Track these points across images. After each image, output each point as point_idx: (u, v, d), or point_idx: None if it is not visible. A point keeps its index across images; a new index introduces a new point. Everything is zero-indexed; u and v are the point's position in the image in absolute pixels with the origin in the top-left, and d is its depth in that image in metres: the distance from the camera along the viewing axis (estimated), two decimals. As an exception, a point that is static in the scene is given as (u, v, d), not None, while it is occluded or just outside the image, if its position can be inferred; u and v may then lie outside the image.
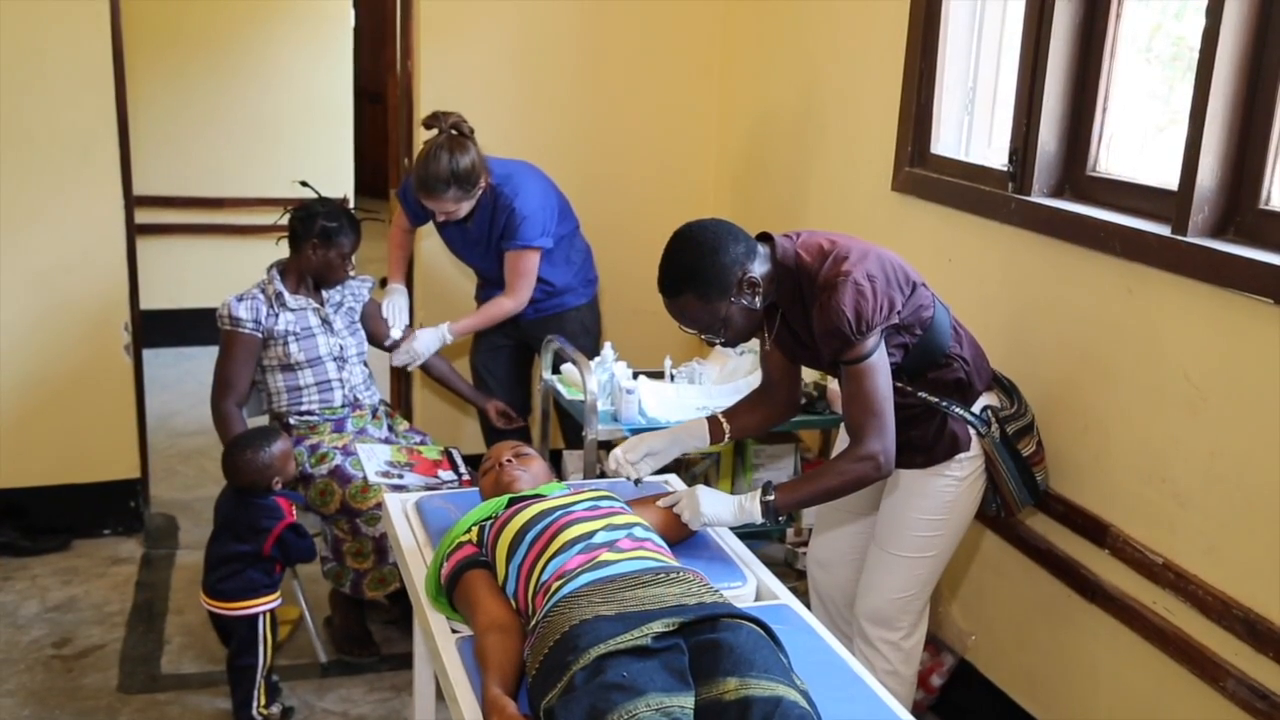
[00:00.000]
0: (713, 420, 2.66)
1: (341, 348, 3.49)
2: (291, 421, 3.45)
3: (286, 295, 3.42)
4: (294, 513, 3.06)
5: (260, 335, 3.39)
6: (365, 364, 3.60)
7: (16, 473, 4.00)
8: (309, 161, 6.26)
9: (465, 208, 3.55)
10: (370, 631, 3.46)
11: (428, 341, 3.67)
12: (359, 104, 6.64)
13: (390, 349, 3.75)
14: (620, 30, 3.73)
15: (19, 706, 3.14)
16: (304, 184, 3.65)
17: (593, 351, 3.59)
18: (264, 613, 3.00)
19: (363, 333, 3.61)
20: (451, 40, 4.22)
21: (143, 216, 4.57)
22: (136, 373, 4.08)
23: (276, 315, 3.40)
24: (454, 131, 3.47)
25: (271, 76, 6.26)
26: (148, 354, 4.25)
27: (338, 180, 6.38)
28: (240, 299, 3.39)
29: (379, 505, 3.17)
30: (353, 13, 6.50)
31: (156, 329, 5.47)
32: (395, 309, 3.74)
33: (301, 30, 6.28)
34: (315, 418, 3.46)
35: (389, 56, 4.40)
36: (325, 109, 6.39)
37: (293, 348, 3.41)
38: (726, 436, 2.66)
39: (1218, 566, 2.34)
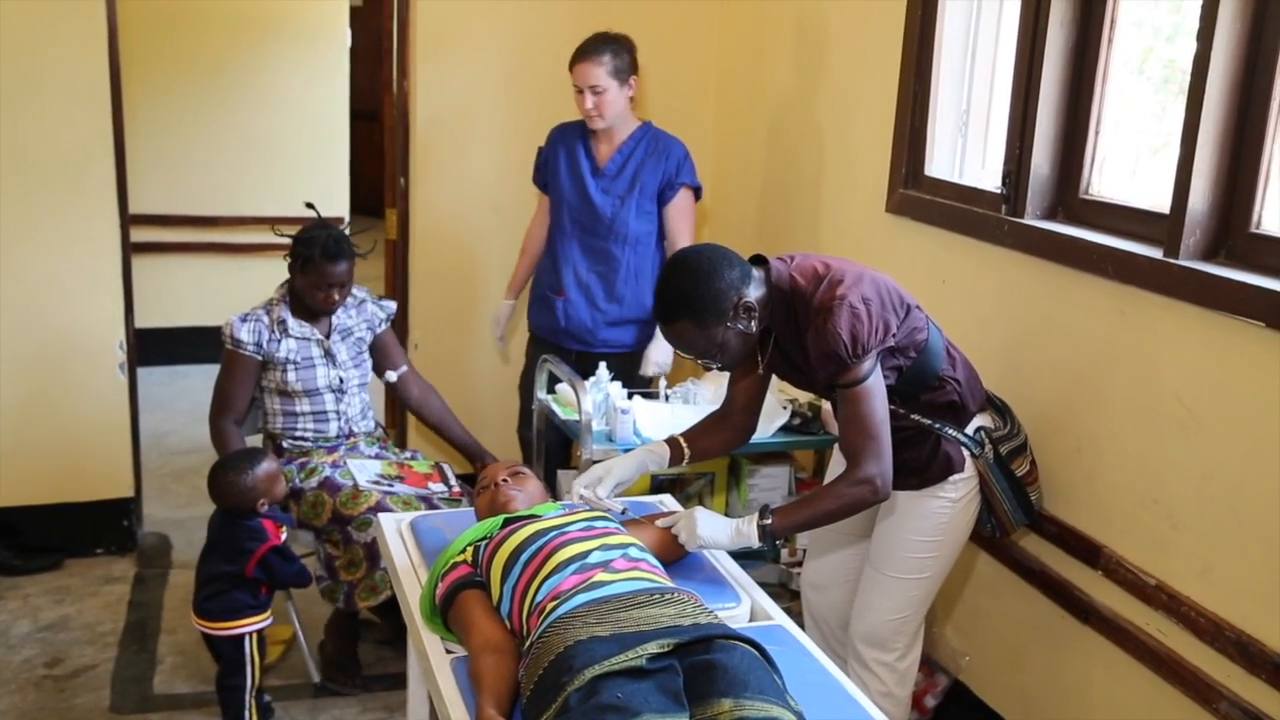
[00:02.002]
0: (672, 442, 2.66)
1: (342, 380, 3.45)
2: (284, 445, 3.45)
3: (290, 321, 3.38)
4: (281, 535, 3.03)
5: (260, 358, 3.37)
6: (366, 392, 3.57)
7: (9, 491, 3.99)
8: (304, 180, 6.28)
9: (611, 95, 3.53)
10: (360, 662, 3.42)
11: (663, 347, 3.66)
12: (354, 123, 6.65)
13: (391, 385, 3.68)
14: (615, 51, 3.78)
15: (10, 726, 3.14)
16: (309, 205, 3.64)
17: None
18: (250, 634, 2.98)
19: (369, 363, 3.56)
20: (448, 58, 4.24)
21: (138, 235, 4.57)
22: (131, 391, 4.07)
23: (278, 341, 3.36)
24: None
25: (267, 95, 6.27)
26: (141, 372, 4.24)
27: (333, 199, 6.39)
28: (244, 319, 3.36)
29: (370, 509, 3.17)
30: (349, 32, 6.51)
31: (151, 347, 5.47)
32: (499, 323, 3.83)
33: (297, 49, 6.30)
34: (308, 444, 3.46)
35: (385, 75, 4.41)
36: (321, 128, 6.40)
37: (290, 376, 3.38)
38: (686, 458, 2.66)
39: (1210, 588, 2.35)
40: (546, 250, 3.81)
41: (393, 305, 3.64)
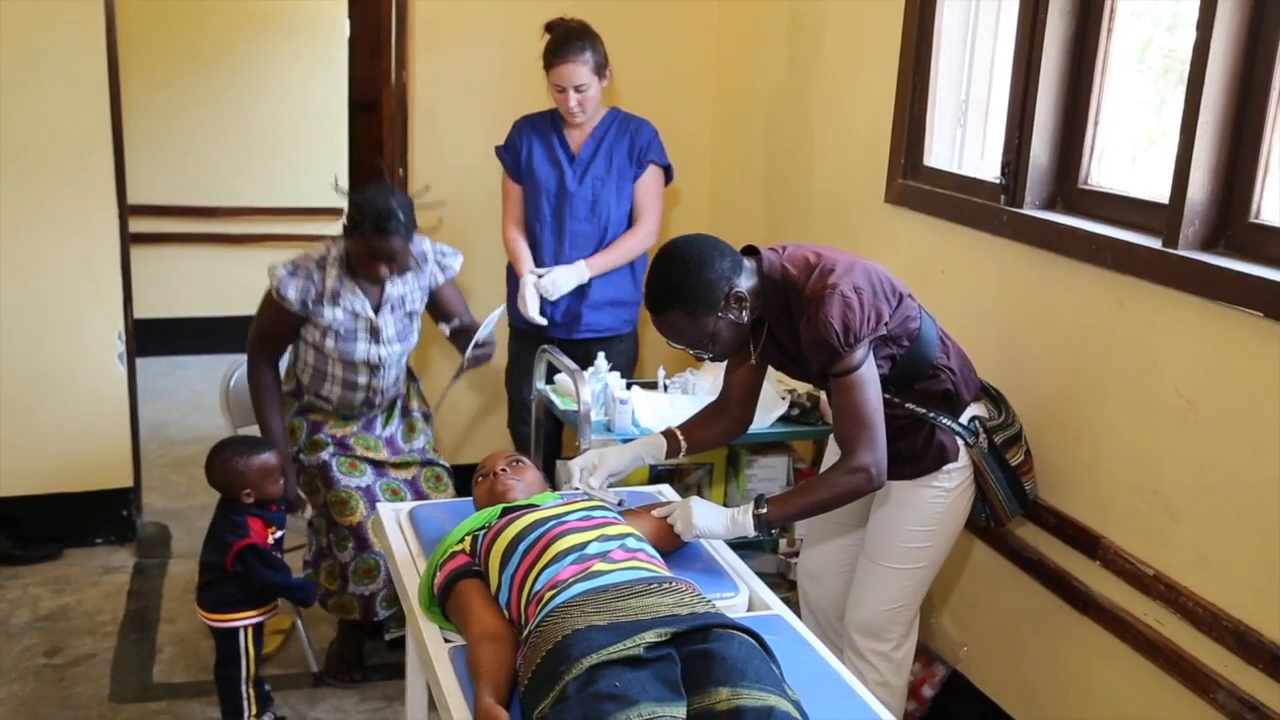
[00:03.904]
0: (669, 434, 2.66)
1: (381, 358, 3.25)
2: (305, 399, 3.32)
3: (343, 291, 3.16)
4: (269, 537, 2.93)
5: (303, 315, 3.17)
6: (404, 360, 3.37)
7: (9, 481, 3.99)
8: (303, 171, 6.28)
9: (593, 90, 3.52)
10: (363, 657, 3.41)
11: (566, 277, 3.56)
12: (353, 114, 6.64)
13: (451, 335, 3.38)
14: (614, 41, 3.76)
15: (11, 716, 3.14)
16: (379, 167, 3.41)
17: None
18: (244, 628, 2.94)
19: (415, 335, 3.33)
20: (446, 49, 4.24)
21: (136, 225, 4.57)
22: (130, 381, 4.07)
23: (324, 308, 3.16)
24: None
25: (266, 86, 6.26)
26: (140, 363, 4.24)
27: (331, 190, 6.38)
28: (294, 274, 3.13)
29: (350, 527, 3.16)
30: (347, 22, 6.50)
31: (150, 338, 5.47)
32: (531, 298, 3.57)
33: (296, 40, 6.29)
34: (328, 406, 3.32)
35: (383, 66, 4.40)
36: (320, 118, 6.39)
37: (329, 343, 3.19)
38: (683, 451, 2.66)
39: (1208, 578, 2.35)
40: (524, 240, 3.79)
41: (458, 261, 3.35)
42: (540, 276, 3.58)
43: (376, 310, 3.22)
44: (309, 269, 3.15)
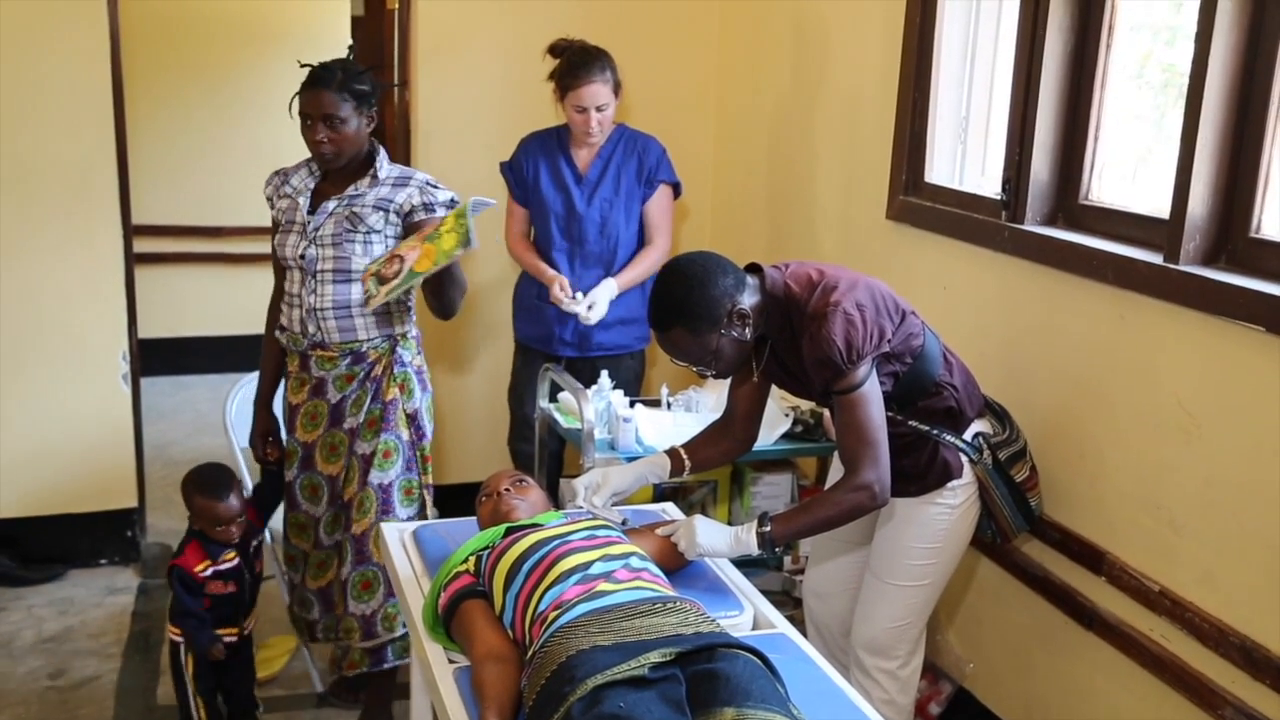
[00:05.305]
0: (673, 454, 2.65)
1: (307, 258, 2.89)
2: (275, 333, 3.10)
3: (292, 178, 3.03)
4: (200, 568, 2.88)
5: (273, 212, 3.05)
6: (354, 291, 2.91)
7: (13, 502, 4.00)
8: (306, 190, 6.28)
9: (609, 109, 3.51)
10: (366, 677, 3.41)
11: (603, 298, 3.51)
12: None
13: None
14: (617, 58, 3.77)
15: (14, 738, 3.14)
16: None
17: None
18: (178, 643, 2.91)
19: (364, 253, 2.90)
20: (449, 67, 4.25)
21: (141, 245, 4.58)
22: (134, 402, 4.08)
23: (276, 200, 3.05)
24: None
25: (269, 105, 6.27)
26: (145, 383, 4.25)
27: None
28: (275, 173, 3.09)
29: (305, 550, 3.12)
30: (350, 41, 6.52)
31: (154, 358, 5.48)
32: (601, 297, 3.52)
33: (300, 59, 6.30)
34: (285, 336, 3.05)
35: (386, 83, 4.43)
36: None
37: (276, 239, 2.99)
38: (687, 470, 2.65)
39: (1214, 594, 2.34)
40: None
41: (445, 194, 2.99)
42: (577, 299, 3.50)
43: (315, 206, 2.98)
44: (286, 169, 3.09)
